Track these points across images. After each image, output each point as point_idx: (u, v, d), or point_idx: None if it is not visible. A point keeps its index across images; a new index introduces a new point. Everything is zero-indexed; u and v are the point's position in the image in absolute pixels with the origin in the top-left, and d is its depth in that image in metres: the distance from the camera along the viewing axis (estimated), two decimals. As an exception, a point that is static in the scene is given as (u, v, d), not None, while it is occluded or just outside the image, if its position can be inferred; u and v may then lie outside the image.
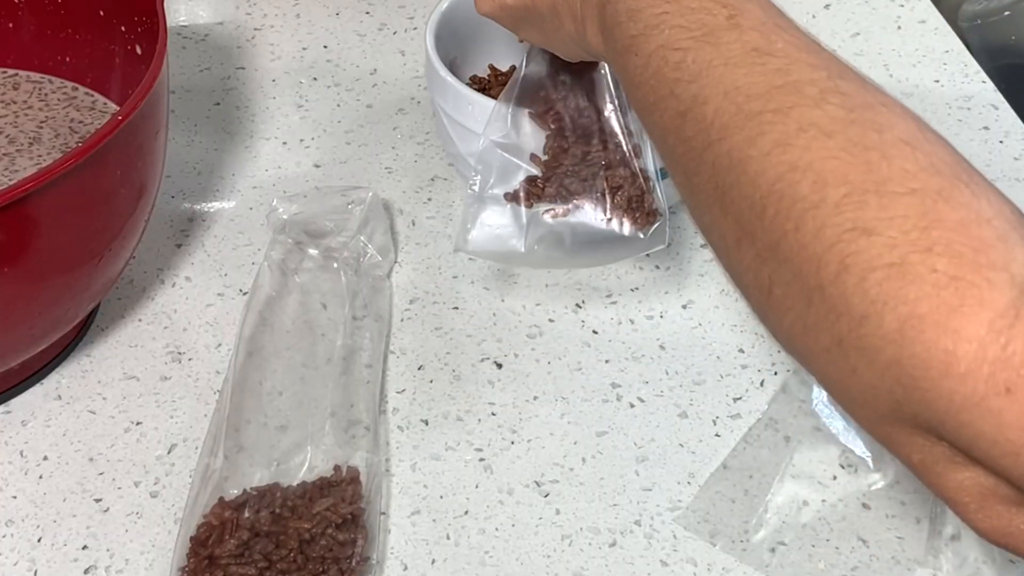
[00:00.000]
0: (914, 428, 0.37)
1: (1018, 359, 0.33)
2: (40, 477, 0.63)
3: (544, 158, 0.66)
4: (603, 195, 0.65)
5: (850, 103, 0.39)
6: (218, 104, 0.88)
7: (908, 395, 0.35)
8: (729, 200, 0.41)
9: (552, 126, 0.66)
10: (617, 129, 0.66)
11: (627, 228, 0.65)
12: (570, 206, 0.64)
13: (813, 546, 0.60)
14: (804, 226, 0.38)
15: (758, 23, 0.44)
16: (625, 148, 0.65)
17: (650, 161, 0.66)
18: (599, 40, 0.53)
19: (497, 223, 0.65)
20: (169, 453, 0.64)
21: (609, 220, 0.65)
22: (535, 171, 0.66)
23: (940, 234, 0.35)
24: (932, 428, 0.36)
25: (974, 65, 0.92)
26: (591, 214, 0.65)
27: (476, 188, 0.66)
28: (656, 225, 0.65)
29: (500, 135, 0.66)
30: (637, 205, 0.65)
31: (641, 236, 0.65)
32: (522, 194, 0.65)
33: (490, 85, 0.80)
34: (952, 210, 0.35)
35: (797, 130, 0.39)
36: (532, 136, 0.67)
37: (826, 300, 0.37)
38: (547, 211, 0.65)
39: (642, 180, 0.65)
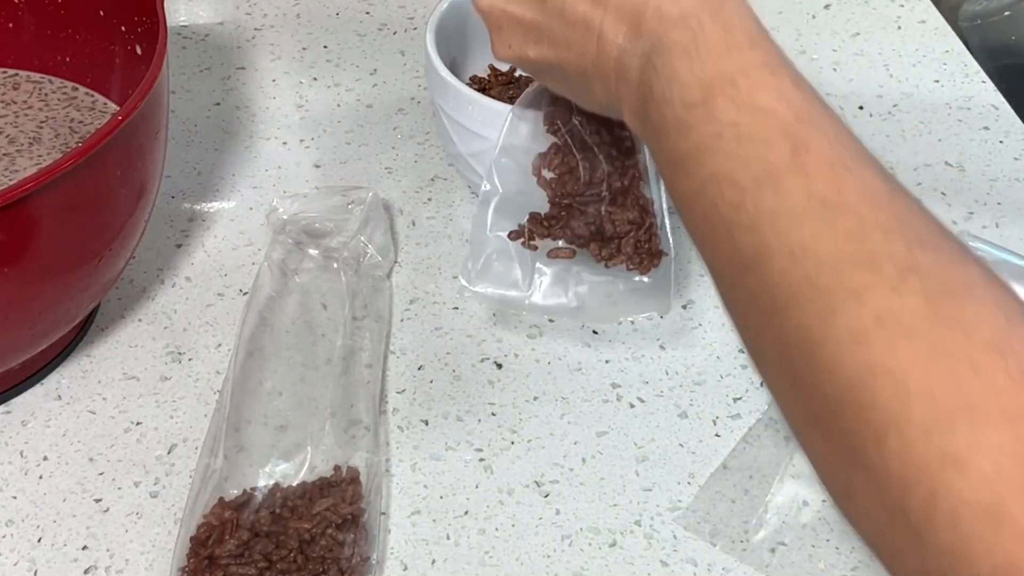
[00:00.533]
0: None
1: None
2: (40, 477, 0.63)
3: (550, 176, 0.65)
4: (607, 239, 0.64)
5: (931, 287, 0.36)
6: (218, 104, 0.88)
7: None
8: (799, 381, 0.38)
9: (560, 141, 0.66)
10: (625, 148, 0.65)
11: (631, 273, 0.64)
12: (574, 248, 0.64)
13: (813, 546, 0.60)
14: (886, 443, 0.35)
15: (825, 163, 0.40)
16: (636, 169, 0.65)
17: (655, 187, 0.65)
18: (636, 123, 0.49)
19: (502, 262, 0.64)
20: (169, 453, 0.64)
21: (612, 264, 0.64)
22: (544, 192, 0.66)
23: None
24: None
25: (974, 65, 0.92)
26: (595, 258, 0.64)
27: (487, 201, 0.65)
28: (659, 267, 0.64)
29: (511, 149, 0.66)
30: (644, 250, 0.64)
31: (646, 280, 0.64)
32: (526, 234, 0.64)
33: (490, 85, 0.80)
34: None
35: (875, 322, 0.36)
36: (542, 145, 0.66)
37: (911, 527, 0.34)
38: (551, 251, 0.64)
39: (650, 220, 0.64)
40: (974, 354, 0.34)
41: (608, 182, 0.64)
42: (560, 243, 0.64)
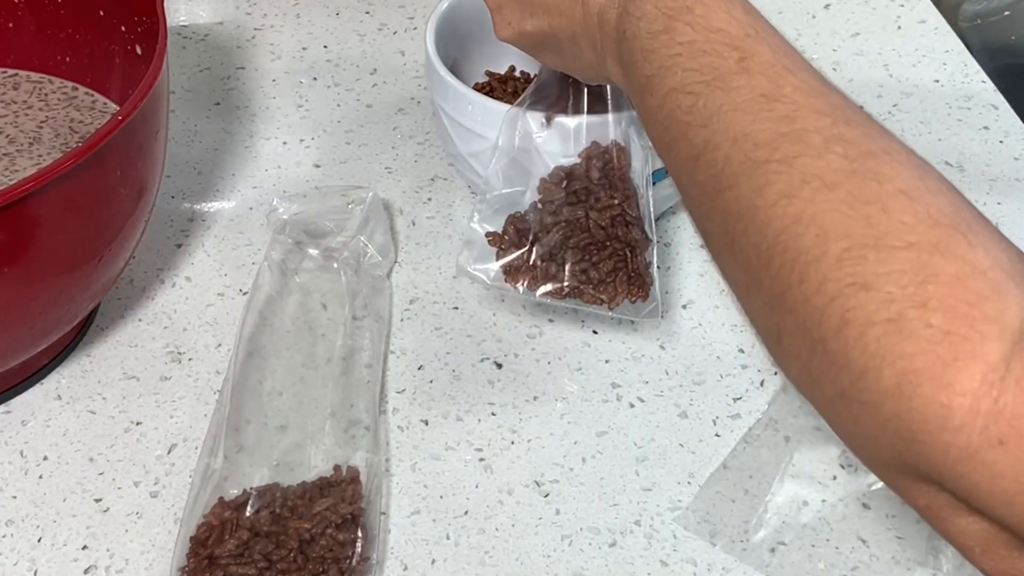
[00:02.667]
0: (917, 476, 0.37)
1: (1009, 411, 0.34)
2: (40, 477, 0.63)
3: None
4: (597, 285, 0.65)
5: (853, 151, 0.40)
6: (218, 104, 0.88)
7: (908, 448, 0.36)
8: (738, 248, 0.42)
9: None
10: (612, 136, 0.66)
11: (619, 305, 0.65)
12: (559, 288, 0.65)
13: (813, 546, 0.60)
14: (807, 279, 0.39)
15: (767, 66, 0.44)
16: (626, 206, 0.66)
17: (642, 179, 0.66)
18: (619, 72, 0.53)
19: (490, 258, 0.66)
20: (169, 453, 0.64)
21: (614, 307, 0.65)
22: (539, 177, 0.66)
23: (935, 288, 0.36)
24: (933, 478, 0.37)
25: (974, 65, 0.92)
26: (595, 306, 0.65)
27: (481, 211, 0.66)
28: (649, 301, 0.65)
29: (509, 145, 0.67)
30: (636, 282, 0.65)
31: (633, 308, 0.65)
32: (509, 278, 0.65)
33: (492, 88, 0.80)
34: (948, 263, 0.36)
35: (801, 181, 0.40)
36: (540, 141, 0.66)
37: (828, 353, 0.38)
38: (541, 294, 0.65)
39: (636, 256, 0.65)
40: (886, 200, 0.38)
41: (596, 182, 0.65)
42: (549, 287, 0.65)
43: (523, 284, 0.65)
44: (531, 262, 0.64)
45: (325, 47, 0.94)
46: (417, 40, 0.94)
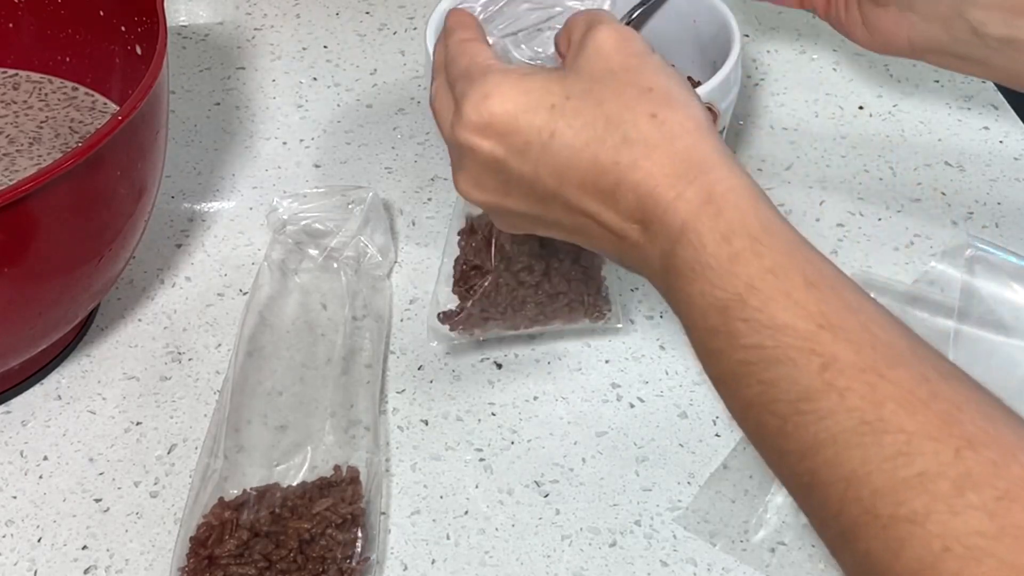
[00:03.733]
0: None
1: None
2: (40, 477, 0.63)
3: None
4: (550, 318, 0.66)
5: (989, 496, 0.36)
6: (218, 104, 0.88)
7: None
8: None
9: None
10: None
11: (577, 325, 0.66)
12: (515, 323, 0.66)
13: (813, 546, 0.60)
14: None
15: (855, 373, 0.39)
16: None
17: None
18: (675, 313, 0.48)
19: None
20: (169, 453, 0.64)
21: (569, 325, 0.66)
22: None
23: None
24: None
25: (974, 65, 0.92)
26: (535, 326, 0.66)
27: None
28: (608, 318, 0.66)
29: None
30: (593, 305, 0.66)
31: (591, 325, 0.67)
32: (455, 324, 0.65)
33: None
34: None
35: (941, 549, 0.35)
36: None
37: None
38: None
39: (592, 286, 0.65)
40: None
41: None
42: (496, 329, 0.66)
43: (489, 328, 0.65)
44: (486, 309, 0.65)
45: (325, 47, 0.94)
46: (417, 40, 0.94)
